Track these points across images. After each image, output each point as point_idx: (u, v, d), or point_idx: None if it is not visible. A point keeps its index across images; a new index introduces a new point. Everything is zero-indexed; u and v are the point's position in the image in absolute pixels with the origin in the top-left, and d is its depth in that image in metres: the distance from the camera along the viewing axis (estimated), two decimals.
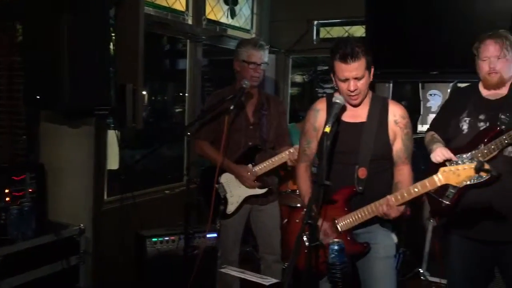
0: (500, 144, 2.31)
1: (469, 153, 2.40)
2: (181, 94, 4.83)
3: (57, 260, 2.61)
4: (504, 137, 2.30)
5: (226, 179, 3.03)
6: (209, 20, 4.43)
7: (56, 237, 2.61)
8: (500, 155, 2.33)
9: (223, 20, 4.64)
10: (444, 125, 2.60)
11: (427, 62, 3.91)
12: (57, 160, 2.87)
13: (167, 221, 3.52)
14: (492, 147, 2.33)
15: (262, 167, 2.97)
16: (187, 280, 2.73)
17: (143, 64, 3.28)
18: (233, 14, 4.75)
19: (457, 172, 1.90)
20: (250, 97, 3.06)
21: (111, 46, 2.91)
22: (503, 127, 2.32)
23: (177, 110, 5.75)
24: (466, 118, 2.48)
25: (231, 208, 3.02)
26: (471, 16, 3.63)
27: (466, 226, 2.50)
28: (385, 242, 2.34)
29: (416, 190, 2.07)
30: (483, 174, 1.83)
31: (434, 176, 1.99)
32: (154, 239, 3.18)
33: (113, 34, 3.18)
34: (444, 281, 3.61)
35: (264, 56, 3.02)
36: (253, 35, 4.93)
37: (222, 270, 2.24)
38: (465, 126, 2.48)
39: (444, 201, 2.39)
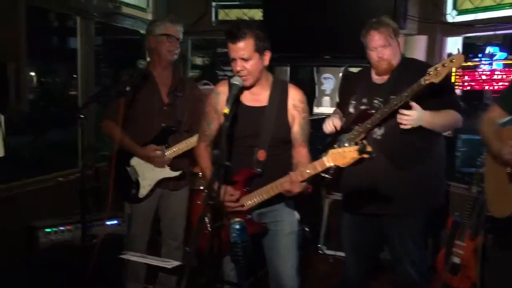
0: (365, 127, 2.51)
1: (347, 133, 2.60)
2: (74, 75, 4.54)
3: None
4: (369, 121, 2.50)
5: (138, 161, 2.92)
6: None
7: None
8: (369, 137, 2.53)
9: None
10: (341, 106, 2.81)
11: (321, 47, 4.08)
12: None
13: (62, 210, 3.32)
14: (360, 130, 2.53)
15: (175, 150, 2.90)
16: (86, 271, 2.61)
17: (26, 41, 3.01)
18: None
19: (343, 154, 2.01)
20: (164, 77, 2.97)
21: None
22: (373, 111, 2.51)
23: (71, 93, 5.40)
24: (352, 101, 2.67)
25: (143, 192, 2.91)
26: (359, 3, 3.84)
27: (350, 202, 2.73)
28: (290, 219, 2.45)
29: (308, 171, 2.16)
30: (365, 156, 1.96)
31: (324, 158, 2.09)
32: (47, 230, 2.98)
33: None
34: (339, 254, 3.90)
35: (180, 32, 2.94)
36: (150, 14, 4.76)
37: (123, 256, 2.18)
38: (351, 109, 2.67)
39: (327, 176, 2.56)
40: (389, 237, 2.68)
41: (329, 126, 2.62)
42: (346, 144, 2.53)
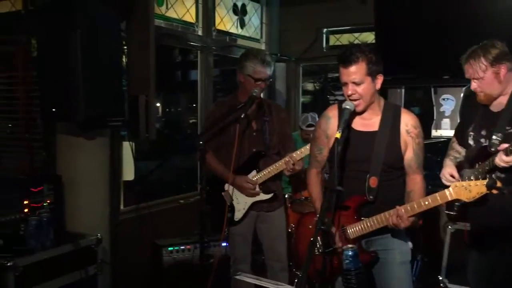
0: (484, 169, 2.33)
1: (470, 169, 2.43)
2: (194, 105, 4.90)
3: (76, 270, 2.65)
4: (487, 162, 2.30)
5: (231, 186, 3.05)
6: (219, 31, 4.49)
7: (74, 247, 2.64)
8: (491, 175, 2.31)
9: (233, 30, 4.70)
10: (460, 134, 2.62)
11: (439, 66, 3.88)
12: (74, 171, 2.92)
13: (182, 230, 3.55)
14: (480, 170, 2.35)
15: (265, 173, 2.99)
16: None
17: (155, 76, 3.35)
18: (242, 24, 4.80)
19: (468, 188, 1.90)
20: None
21: (123, 59, 2.96)
22: (492, 149, 2.30)
23: (190, 121, 5.82)
24: (471, 133, 2.49)
25: (238, 215, 3.03)
26: (480, 19, 3.61)
27: (479, 238, 2.54)
28: (401, 248, 2.33)
29: (426, 203, 2.06)
30: (494, 191, 1.81)
31: (446, 191, 1.99)
32: (170, 248, 3.21)
33: (125, 47, 3.25)
34: None
35: (270, 71, 3.03)
36: (263, 45, 4.97)
37: (237, 277, 2.25)
38: (471, 141, 2.49)
39: (451, 213, 2.43)
40: None
41: (447, 182, 2.45)
42: (472, 178, 2.35)
